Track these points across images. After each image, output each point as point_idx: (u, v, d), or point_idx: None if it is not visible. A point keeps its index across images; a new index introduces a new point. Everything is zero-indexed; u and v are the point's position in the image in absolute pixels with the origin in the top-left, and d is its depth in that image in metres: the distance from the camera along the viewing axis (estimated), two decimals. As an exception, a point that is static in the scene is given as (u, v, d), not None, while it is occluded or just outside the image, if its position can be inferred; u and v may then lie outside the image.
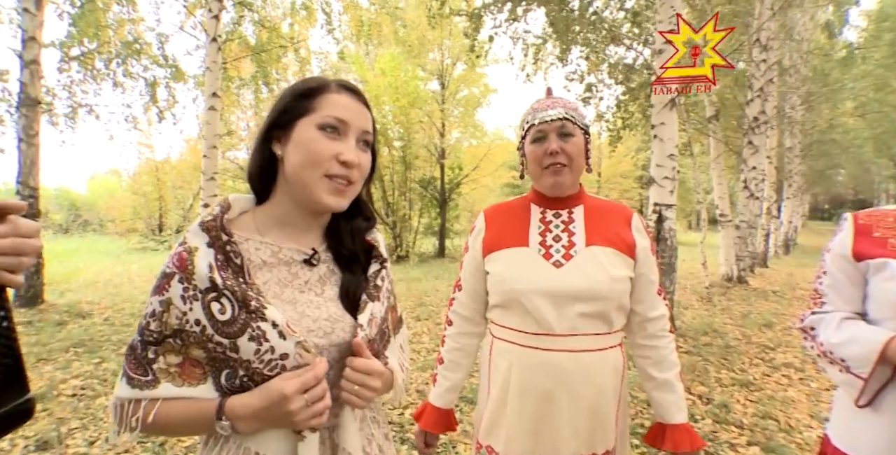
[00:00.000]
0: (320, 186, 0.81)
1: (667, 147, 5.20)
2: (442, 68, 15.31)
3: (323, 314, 0.83)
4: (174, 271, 0.75)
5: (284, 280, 0.83)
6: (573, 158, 1.21)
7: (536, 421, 1.16)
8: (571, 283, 1.15)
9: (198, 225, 0.79)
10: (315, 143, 0.80)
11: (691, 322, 5.88)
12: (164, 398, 0.74)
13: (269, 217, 0.87)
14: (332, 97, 0.83)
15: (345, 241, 0.92)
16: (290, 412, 0.72)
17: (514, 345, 1.19)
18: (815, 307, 1.15)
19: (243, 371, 0.75)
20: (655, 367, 1.26)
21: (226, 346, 0.74)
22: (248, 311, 0.73)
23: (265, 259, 0.83)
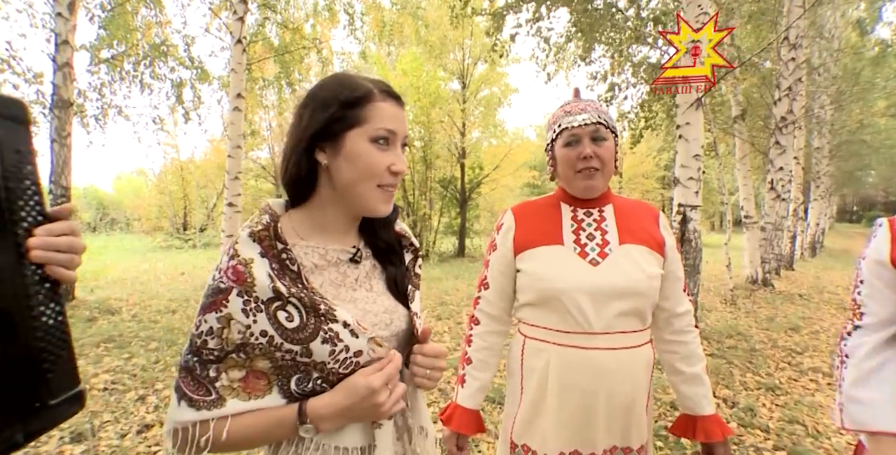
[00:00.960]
0: (374, 196, 0.83)
1: (692, 147, 5.14)
2: (463, 68, 15.33)
3: (380, 308, 0.87)
4: (231, 286, 0.74)
5: (336, 280, 0.85)
6: (605, 163, 1.22)
7: (575, 418, 1.17)
8: (611, 281, 1.16)
9: (247, 236, 0.77)
10: (370, 157, 0.81)
11: (715, 324, 5.79)
12: (233, 415, 0.75)
13: (308, 221, 0.87)
14: (380, 106, 0.82)
15: (381, 235, 0.94)
16: (377, 404, 0.76)
17: (550, 344, 1.20)
18: (855, 320, 1.13)
19: (317, 373, 0.77)
20: (684, 361, 1.27)
21: (296, 353, 0.75)
22: (317, 315, 0.75)
23: (316, 262, 0.84)
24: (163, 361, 4.28)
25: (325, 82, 0.86)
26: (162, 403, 3.39)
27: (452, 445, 1.34)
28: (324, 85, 0.85)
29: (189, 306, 6.81)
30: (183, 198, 22.33)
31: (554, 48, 6.85)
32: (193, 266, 12.50)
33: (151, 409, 3.31)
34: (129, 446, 2.78)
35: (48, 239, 0.59)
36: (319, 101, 0.82)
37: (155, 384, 3.75)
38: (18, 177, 0.58)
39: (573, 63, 7.69)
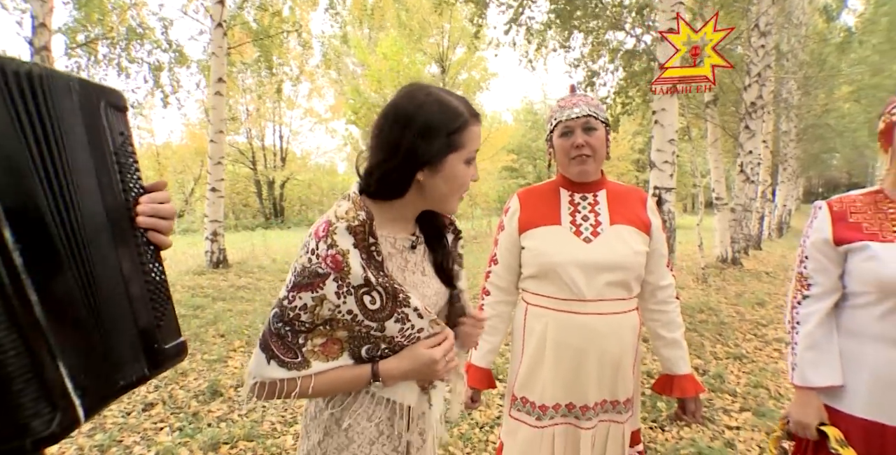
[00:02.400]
0: (454, 202, 1.00)
1: (667, 132, 5.38)
2: (442, 52, 15.34)
3: (431, 290, 1.03)
4: (329, 271, 0.85)
5: (401, 266, 0.99)
6: (596, 150, 1.41)
7: (569, 374, 1.38)
8: (600, 256, 1.36)
9: (345, 228, 0.87)
10: (464, 177, 0.96)
11: (687, 301, 6.13)
12: (315, 374, 0.90)
13: (384, 214, 0.97)
14: (473, 130, 0.94)
15: (434, 221, 1.09)
16: (436, 371, 0.96)
17: (549, 310, 1.40)
18: (804, 291, 1.34)
19: (385, 344, 0.94)
20: (665, 328, 1.49)
21: (372, 328, 0.91)
22: (395, 300, 0.90)
23: (389, 251, 0.97)
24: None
25: (422, 102, 0.91)
26: (161, 383, 3.48)
27: (468, 398, 1.57)
28: (422, 106, 0.90)
29: (175, 291, 6.85)
30: (159, 183, 21.90)
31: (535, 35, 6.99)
32: (175, 251, 12.39)
33: (152, 388, 3.40)
34: (135, 423, 2.90)
35: (154, 205, 0.70)
36: (423, 125, 0.89)
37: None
38: (125, 155, 0.68)
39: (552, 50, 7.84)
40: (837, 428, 1.23)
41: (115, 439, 2.72)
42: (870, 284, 1.20)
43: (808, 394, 1.29)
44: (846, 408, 1.24)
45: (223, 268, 8.58)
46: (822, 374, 1.26)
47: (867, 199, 1.27)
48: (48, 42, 6.57)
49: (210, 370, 3.76)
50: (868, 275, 1.20)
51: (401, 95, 0.94)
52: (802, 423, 1.28)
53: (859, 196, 1.30)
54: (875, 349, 1.20)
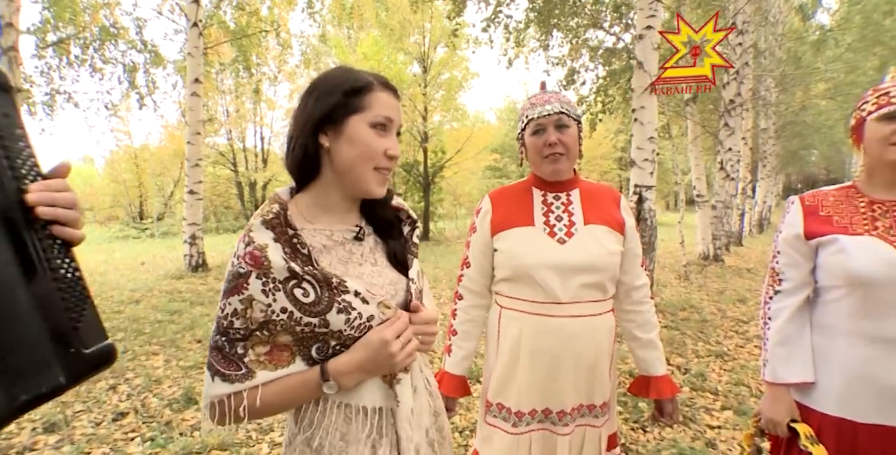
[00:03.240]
0: (370, 178, 0.91)
1: (647, 130, 5.39)
2: (423, 51, 15.27)
3: (385, 280, 0.96)
4: (250, 270, 0.81)
5: (343, 258, 0.93)
6: (569, 148, 1.37)
7: (545, 378, 1.33)
8: (575, 258, 1.31)
9: (260, 223, 0.84)
10: (369, 139, 0.89)
11: (670, 298, 6.15)
12: (263, 384, 0.83)
13: (313, 204, 0.94)
14: (380, 96, 0.91)
15: (380, 213, 1.02)
16: (391, 354, 0.85)
17: (523, 313, 1.35)
18: (775, 286, 1.33)
19: (335, 341, 0.86)
20: (640, 328, 1.45)
21: (314, 325, 0.83)
22: (330, 288, 0.84)
23: (324, 243, 0.92)
24: (131, 351, 4.26)
25: (328, 73, 0.93)
26: (134, 391, 3.40)
27: None
28: (327, 75, 0.92)
29: (153, 296, 6.72)
30: (138, 186, 21.57)
31: (513, 34, 6.97)
32: (153, 255, 12.21)
33: (124, 397, 3.32)
34: (104, 434, 2.80)
35: (50, 194, 0.60)
36: (323, 88, 0.90)
37: (125, 373, 3.73)
38: (12, 138, 0.60)
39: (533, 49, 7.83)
40: (809, 425, 1.21)
41: (83, 451, 2.63)
42: (839, 278, 1.18)
43: (779, 390, 1.27)
44: (818, 405, 1.22)
45: (202, 271, 8.44)
46: (793, 370, 1.24)
47: (840, 194, 1.27)
48: (16, 42, 6.37)
49: (185, 377, 3.66)
50: (837, 268, 1.18)
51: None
52: (773, 421, 1.26)
53: (832, 191, 1.29)
54: (847, 345, 1.18)
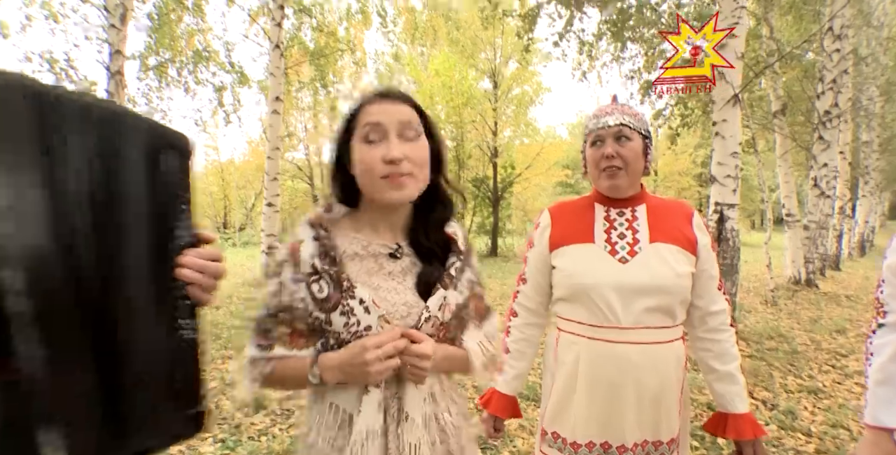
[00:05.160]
0: (381, 188, 0.91)
1: (729, 145, 5.05)
2: (494, 67, 15.34)
3: (401, 300, 0.95)
4: (287, 259, 0.93)
5: (371, 269, 0.96)
6: (629, 162, 1.26)
7: (604, 409, 1.21)
8: (637, 278, 1.20)
9: (306, 221, 0.95)
10: (362, 154, 0.91)
11: (755, 326, 5.67)
12: (277, 357, 0.92)
13: (360, 219, 1.00)
14: (367, 108, 0.93)
15: (420, 238, 1.01)
16: (365, 362, 0.85)
17: (581, 337, 1.25)
18: (879, 318, 1.16)
19: (333, 340, 0.92)
20: (717, 359, 1.29)
21: (322, 320, 0.91)
22: (341, 290, 0.89)
23: (357, 251, 0.96)
24: (209, 354, 4.47)
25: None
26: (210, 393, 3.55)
27: (490, 427, 1.43)
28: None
29: (231, 303, 7.05)
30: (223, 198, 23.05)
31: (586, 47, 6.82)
32: (234, 264, 12.90)
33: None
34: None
35: (203, 262, 0.66)
36: (340, 122, 0.97)
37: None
38: (183, 200, 0.66)
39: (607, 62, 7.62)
40: None
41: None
42: None
43: (880, 435, 1.09)
44: None
45: (276, 281, 8.78)
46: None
47: None
48: (122, 67, 7.02)
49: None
50: None
51: None
52: None
53: None
54: None
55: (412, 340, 0.91)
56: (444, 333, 0.98)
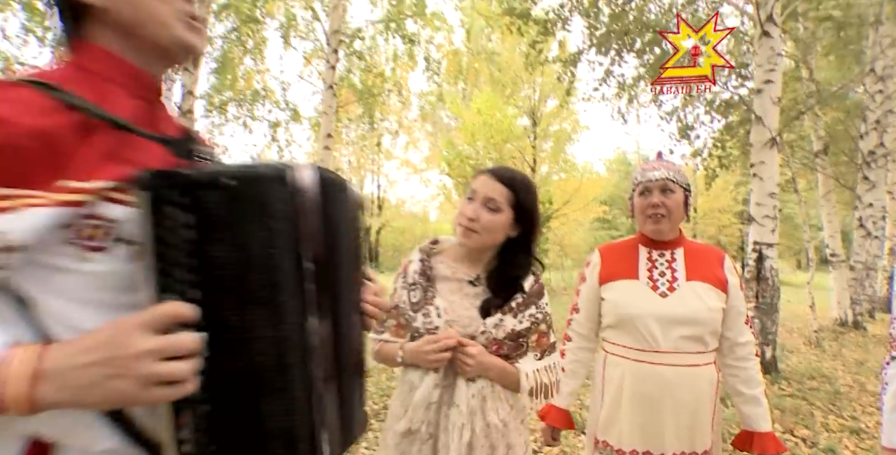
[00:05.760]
0: (458, 233, 1.31)
1: (767, 186, 5.18)
2: (533, 105, 15.78)
3: (466, 314, 1.30)
4: (399, 272, 1.38)
5: (453, 289, 1.33)
6: (672, 211, 1.51)
7: (646, 421, 1.43)
8: (675, 310, 1.43)
9: (419, 248, 1.41)
10: (459, 206, 1.33)
11: (796, 366, 5.64)
12: (384, 340, 1.35)
13: (456, 252, 1.40)
14: (478, 177, 1.33)
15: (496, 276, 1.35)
16: (426, 351, 1.21)
17: (626, 359, 1.48)
18: (892, 351, 1.33)
19: (416, 334, 1.29)
20: (744, 384, 1.50)
21: (410, 318, 1.30)
22: (426, 298, 1.29)
23: (447, 275, 1.35)
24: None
25: None
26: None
27: (548, 436, 1.67)
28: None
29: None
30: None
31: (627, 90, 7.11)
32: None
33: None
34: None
35: (377, 298, 0.86)
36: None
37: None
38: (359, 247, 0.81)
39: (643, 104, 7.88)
40: None
41: None
42: None
43: None
44: None
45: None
46: None
47: None
48: (192, 106, 7.69)
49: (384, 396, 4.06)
50: None
51: None
52: None
53: None
54: None
55: (461, 344, 1.22)
56: (498, 349, 1.27)
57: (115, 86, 0.68)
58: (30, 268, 0.59)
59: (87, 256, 0.61)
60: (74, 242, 0.60)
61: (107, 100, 0.65)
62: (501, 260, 1.34)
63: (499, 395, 1.28)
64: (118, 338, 0.54)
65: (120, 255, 0.63)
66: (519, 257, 1.34)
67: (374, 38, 10.63)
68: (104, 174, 0.60)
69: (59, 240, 0.59)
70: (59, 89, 0.60)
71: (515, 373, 1.27)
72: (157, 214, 0.58)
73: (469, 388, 1.23)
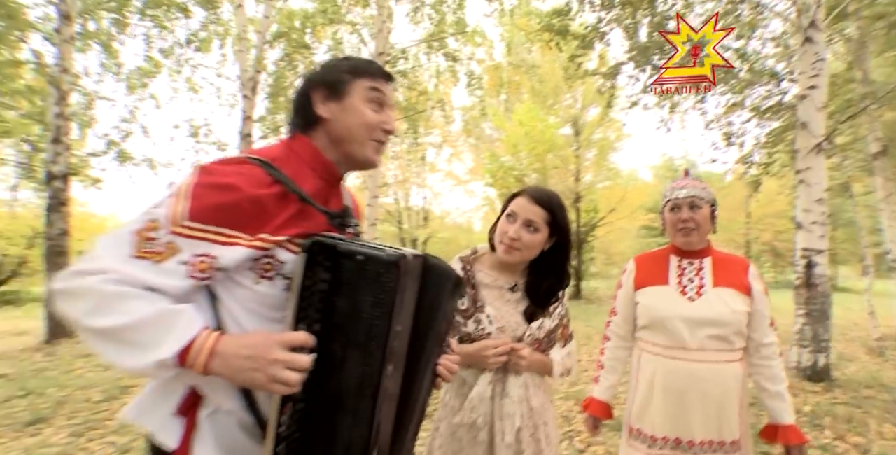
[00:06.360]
0: (500, 250, 1.49)
1: (814, 191, 5.16)
2: (575, 114, 15.85)
3: (513, 319, 1.50)
4: None
5: (495, 296, 1.51)
6: (699, 224, 1.70)
7: (676, 411, 1.61)
8: (701, 313, 1.61)
9: (458, 258, 1.54)
10: (500, 226, 1.50)
11: (854, 374, 5.51)
12: None
13: (494, 261, 1.57)
14: (517, 199, 1.49)
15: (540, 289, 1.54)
16: (485, 357, 1.39)
17: (658, 356, 1.67)
18: None
19: (464, 338, 1.46)
20: (769, 381, 1.66)
21: (460, 323, 1.45)
22: (475, 306, 1.46)
23: (488, 282, 1.52)
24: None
25: None
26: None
27: (590, 426, 1.87)
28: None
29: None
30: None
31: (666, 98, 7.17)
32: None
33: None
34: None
35: (451, 364, 1.09)
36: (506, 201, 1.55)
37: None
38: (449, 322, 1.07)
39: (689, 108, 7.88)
40: None
41: None
42: None
43: None
44: None
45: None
46: None
47: None
48: (251, 130, 8.26)
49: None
50: None
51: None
52: None
53: None
54: None
55: (514, 348, 1.42)
56: (538, 347, 1.49)
57: (309, 168, 1.00)
58: (224, 280, 0.91)
59: (259, 281, 0.92)
60: (255, 270, 0.92)
61: (300, 176, 0.97)
62: (537, 269, 1.53)
63: (536, 383, 1.53)
64: (265, 345, 0.82)
65: (279, 285, 0.93)
66: (558, 269, 1.54)
67: (417, 57, 11.04)
68: (286, 231, 0.91)
69: (247, 267, 0.91)
70: (273, 167, 0.93)
71: (550, 362, 1.52)
72: (308, 267, 0.87)
73: (517, 381, 1.46)
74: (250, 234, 0.88)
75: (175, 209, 0.85)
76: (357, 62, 1.07)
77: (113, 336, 0.80)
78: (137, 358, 0.80)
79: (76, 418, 4.01)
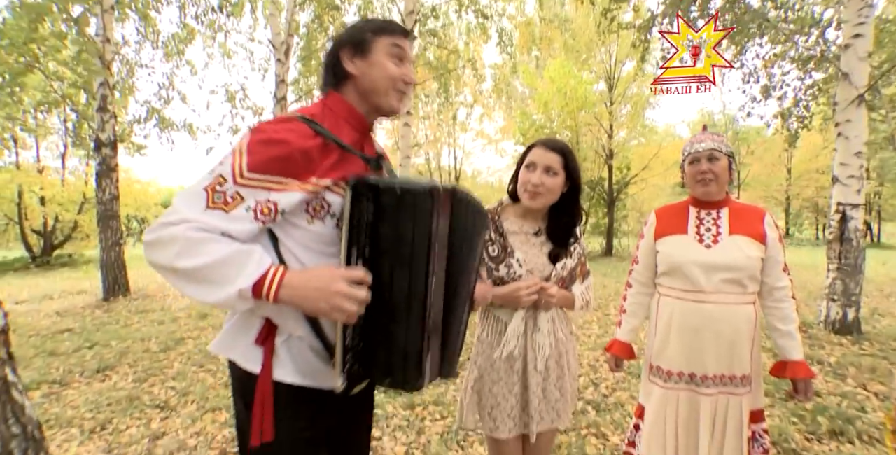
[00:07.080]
0: (525, 197, 1.64)
1: (853, 145, 5.07)
2: (609, 69, 15.41)
3: (540, 261, 1.68)
4: None
5: (522, 241, 1.69)
6: (718, 175, 1.81)
7: (690, 348, 1.78)
8: (716, 258, 1.75)
9: (488, 209, 1.55)
10: (523, 176, 1.65)
11: (884, 328, 5.54)
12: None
13: (518, 209, 1.73)
14: (534, 150, 1.64)
15: (554, 227, 1.72)
16: (519, 297, 1.56)
17: (675, 299, 1.83)
18: None
19: (497, 281, 1.63)
20: (780, 321, 1.81)
21: (491, 268, 1.63)
22: (505, 252, 1.63)
23: (514, 230, 1.69)
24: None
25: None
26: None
27: (613, 364, 2.07)
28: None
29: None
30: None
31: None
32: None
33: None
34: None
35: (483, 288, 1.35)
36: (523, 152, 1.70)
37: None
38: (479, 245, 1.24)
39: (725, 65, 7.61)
40: None
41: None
42: None
43: None
44: None
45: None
46: None
47: None
48: (286, 94, 8.43)
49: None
50: None
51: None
52: None
53: None
54: None
55: (544, 288, 1.59)
56: (562, 284, 1.69)
57: (344, 122, 1.16)
58: (282, 222, 1.08)
59: (312, 221, 1.08)
60: (308, 212, 1.08)
61: (337, 128, 1.13)
62: (556, 213, 1.70)
63: (561, 317, 1.75)
64: (331, 278, 0.97)
65: (329, 224, 1.10)
66: (572, 209, 1.71)
67: (447, 15, 10.87)
68: (331, 175, 1.07)
69: (301, 209, 1.07)
70: (315, 122, 1.09)
71: (572, 297, 1.72)
72: (354, 202, 1.00)
73: (546, 316, 1.66)
74: (302, 181, 1.02)
75: (236, 164, 0.98)
76: (379, 22, 1.19)
77: (198, 274, 0.93)
78: (221, 291, 0.93)
79: (138, 366, 4.46)
